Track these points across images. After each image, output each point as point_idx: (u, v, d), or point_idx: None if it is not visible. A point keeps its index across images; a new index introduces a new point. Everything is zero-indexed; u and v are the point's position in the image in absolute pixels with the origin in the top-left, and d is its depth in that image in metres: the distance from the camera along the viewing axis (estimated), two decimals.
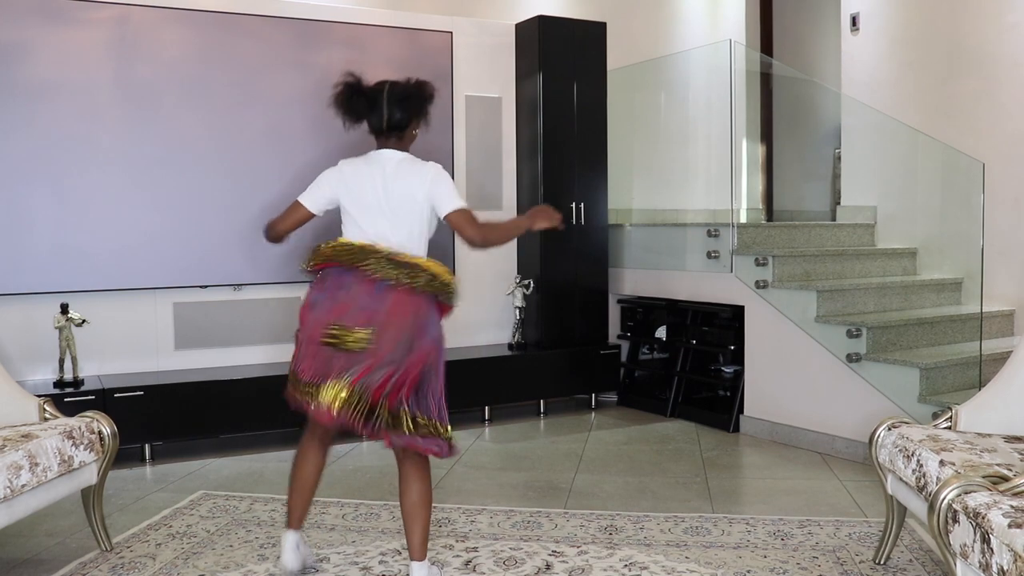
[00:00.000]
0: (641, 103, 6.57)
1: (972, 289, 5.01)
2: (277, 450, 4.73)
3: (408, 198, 2.75)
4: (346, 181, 2.83)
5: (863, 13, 5.82)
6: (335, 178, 2.89)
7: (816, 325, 4.66)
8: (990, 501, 2.20)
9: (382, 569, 3.05)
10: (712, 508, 3.71)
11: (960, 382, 4.31)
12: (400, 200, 2.75)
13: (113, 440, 3.26)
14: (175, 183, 4.83)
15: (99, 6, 4.63)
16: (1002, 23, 5.03)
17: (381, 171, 2.79)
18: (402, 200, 2.75)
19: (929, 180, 5.50)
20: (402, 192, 2.75)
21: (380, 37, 5.26)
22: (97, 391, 4.43)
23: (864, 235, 5.67)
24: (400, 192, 2.75)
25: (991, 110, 5.07)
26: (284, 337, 5.22)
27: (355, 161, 2.88)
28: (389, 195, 2.75)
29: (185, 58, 4.84)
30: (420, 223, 2.79)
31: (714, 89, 5.76)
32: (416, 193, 2.75)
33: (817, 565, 3.07)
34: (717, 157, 5.68)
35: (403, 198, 2.75)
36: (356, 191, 2.80)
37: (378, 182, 2.77)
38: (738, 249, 5.14)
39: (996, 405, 3.07)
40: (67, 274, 4.61)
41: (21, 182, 4.51)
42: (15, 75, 4.48)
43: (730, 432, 5.06)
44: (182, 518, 3.64)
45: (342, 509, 3.72)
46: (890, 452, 2.94)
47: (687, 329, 5.60)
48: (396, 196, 2.75)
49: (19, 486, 2.83)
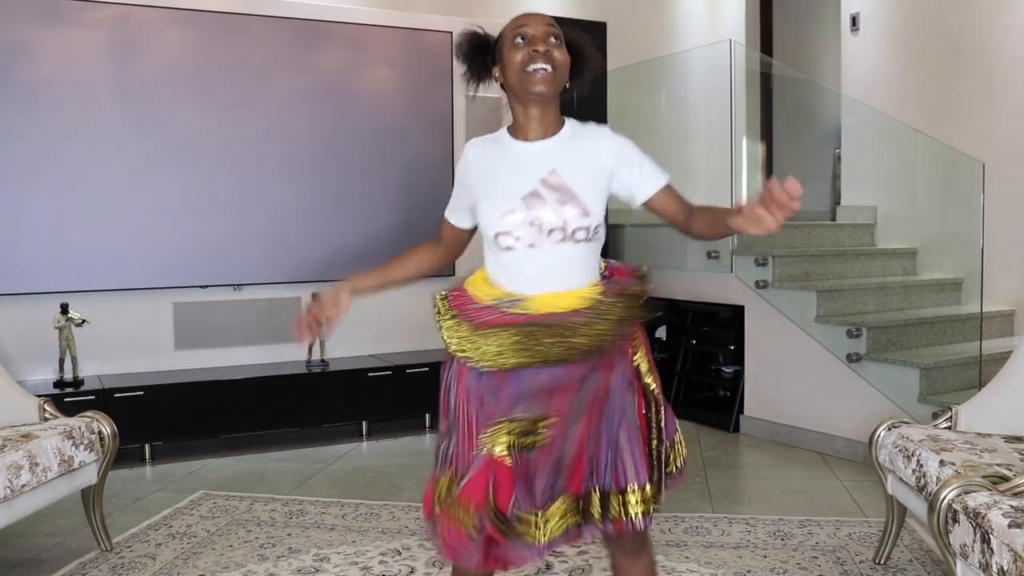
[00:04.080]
0: (641, 103, 6.56)
1: (972, 289, 5.01)
2: (277, 450, 4.73)
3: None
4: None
5: (863, 13, 5.81)
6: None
7: (816, 325, 4.65)
8: (990, 501, 2.20)
9: (382, 569, 3.05)
10: (712, 508, 3.71)
11: (960, 382, 4.31)
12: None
13: (113, 440, 3.26)
14: (175, 183, 4.83)
15: (99, 6, 4.63)
16: (1002, 23, 5.03)
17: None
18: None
19: (929, 180, 5.50)
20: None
21: (380, 37, 5.27)
22: (97, 391, 4.43)
23: (864, 235, 5.67)
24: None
25: (991, 110, 5.07)
26: (284, 337, 5.23)
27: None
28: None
29: (185, 58, 4.84)
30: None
31: (714, 89, 5.76)
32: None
33: (817, 565, 3.06)
34: (717, 157, 5.68)
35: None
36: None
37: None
38: (738, 249, 5.13)
39: (996, 405, 3.07)
40: (67, 274, 4.61)
41: (21, 182, 4.51)
42: (15, 75, 4.48)
43: (730, 432, 5.06)
44: (182, 518, 3.63)
45: (342, 509, 3.72)
46: (890, 452, 2.94)
47: (687, 329, 5.60)
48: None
49: (19, 486, 2.83)
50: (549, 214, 1.85)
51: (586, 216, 1.86)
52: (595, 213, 1.87)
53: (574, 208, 1.85)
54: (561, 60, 1.87)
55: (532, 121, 1.91)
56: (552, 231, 1.85)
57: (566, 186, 1.86)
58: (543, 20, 1.91)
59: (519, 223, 1.85)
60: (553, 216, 1.84)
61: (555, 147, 1.91)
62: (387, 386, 5.03)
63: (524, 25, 1.90)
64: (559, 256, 1.86)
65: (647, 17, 6.93)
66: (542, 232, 1.85)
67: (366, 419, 5.05)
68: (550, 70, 1.85)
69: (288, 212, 5.08)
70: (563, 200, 1.85)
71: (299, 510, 3.72)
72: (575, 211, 1.85)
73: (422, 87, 5.39)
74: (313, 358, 5.17)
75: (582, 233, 1.86)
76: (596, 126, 1.98)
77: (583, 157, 1.90)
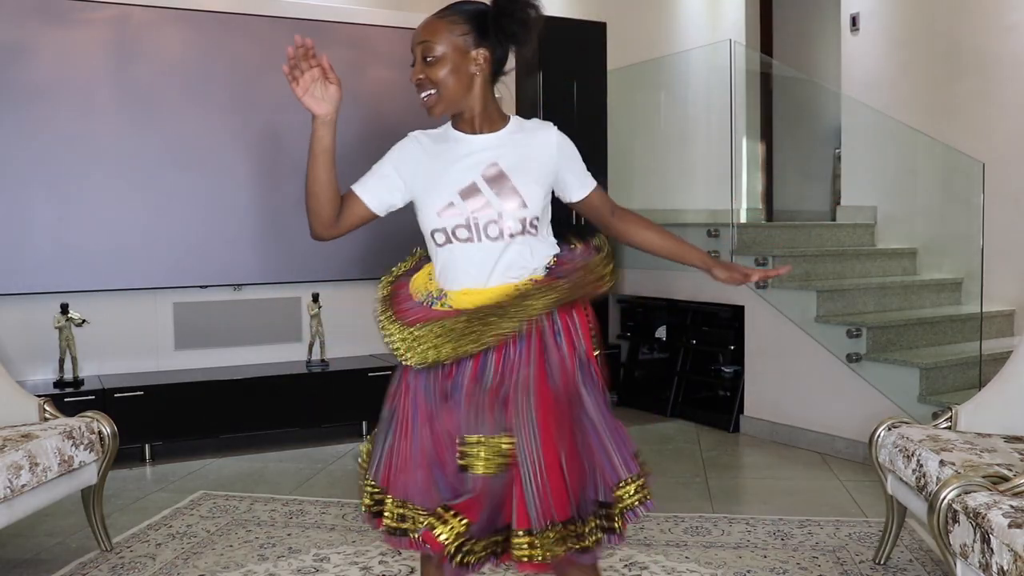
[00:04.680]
0: (641, 103, 6.56)
1: (972, 289, 5.01)
2: (277, 450, 4.73)
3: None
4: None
5: (863, 13, 5.81)
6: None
7: (816, 325, 4.65)
8: (990, 501, 2.20)
9: (382, 569, 3.05)
10: (712, 508, 3.71)
11: (960, 382, 4.31)
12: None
13: (113, 440, 3.26)
14: (175, 183, 4.83)
15: (99, 6, 4.63)
16: (1002, 23, 5.03)
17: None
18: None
19: (929, 180, 5.50)
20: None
21: (380, 37, 5.27)
22: (97, 391, 4.44)
23: (864, 235, 5.67)
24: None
25: (991, 110, 5.07)
26: (284, 337, 5.24)
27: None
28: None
29: (185, 58, 4.84)
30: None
31: (714, 89, 5.76)
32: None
33: (817, 565, 3.06)
34: (717, 157, 5.68)
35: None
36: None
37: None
38: (738, 249, 5.13)
39: (996, 405, 3.07)
40: (67, 274, 4.61)
41: (21, 182, 4.51)
42: (15, 75, 4.48)
43: (730, 432, 5.06)
44: (182, 518, 3.63)
45: (342, 509, 3.72)
46: (890, 452, 2.94)
47: (687, 329, 5.60)
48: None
49: (19, 486, 2.83)
50: (486, 208, 1.84)
51: (523, 208, 1.86)
52: (532, 206, 1.87)
53: (512, 201, 1.85)
54: (442, 76, 1.84)
55: (470, 118, 1.91)
56: (489, 224, 1.84)
57: (505, 179, 1.86)
58: (417, 39, 1.88)
59: (455, 216, 1.85)
60: (490, 210, 1.84)
61: (501, 140, 1.91)
62: (387, 386, 5.02)
63: (412, 43, 1.90)
64: (496, 251, 1.85)
65: (647, 17, 6.92)
66: (479, 227, 1.85)
67: (366, 419, 5.05)
68: (432, 93, 1.86)
69: (288, 212, 5.07)
70: (501, 193, 1.85)
71: (299, 510, 3.72)
72: (513, 204, 1.85)
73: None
74: (313, 358, 5.17)
75: (517, 226, 1.86)
76: (541, 122, 1.99)
77: (527, 151, 1.90)
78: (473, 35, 1.84)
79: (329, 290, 5.22)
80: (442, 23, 1.86)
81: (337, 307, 5.28)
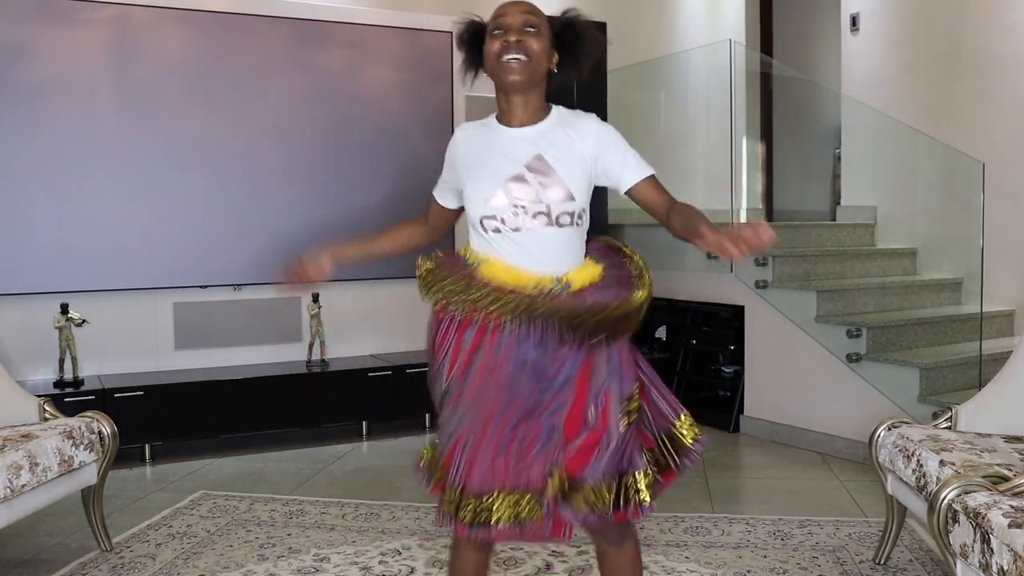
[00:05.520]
0: (641, 103, 6.56)
1: (972, 289, 5.01)
2: (277, 450, 4.73)
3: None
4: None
5: (863, 13, 5.81)
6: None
7: (816, 325, 4.65)
8: (990, 501, 2.20)
9: (382, 569, 3.05)
10: (712, 508, 3.71)
11: (960, 382, 4.31)
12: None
13: (113, 440, 3.26)
14: (175, 183, 4.83)
15: (99, 6, 4.63)
16: (1002, 23, 5.03)
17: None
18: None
19: (929, 180, 5.50)
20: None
21: (380, 37, 5.27)
22: (97, 391, 4.44)
23: (864, 235, 5.67)
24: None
25: (991, 110, 5.07)
26: (284, 337, 5.24)
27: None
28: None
29: (185, 58, 4.84)
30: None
31: (714, 89, 5.76)
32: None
33: (817, 565, 3.06)
34: (717, 157, 5.68)
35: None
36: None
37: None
38: None
39: (996, 405, 3.07)
40: (67, 274, 4.61)
41: (21, 182, 4.51)
42: (15, 75, 4.48)
43: (730, 432, 5.06)
44: (182, 518, 3.63)
45: (342, 509, 3.72)
46: (890, 452, 2.94)
47: (687, 329, 5.60)
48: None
49: (19, 486, 2.83)
50: (534, 197, 1.86)
51: (571, 201, 1.88)
52: (579, 199, 1.89)
53: (558, 192, 1.87)
54: (537, 48, 1.88)
55: (515, 108, 1.93)
56: (537, 214, 1.86)
57: (551, 170, 1.88)
58: (521, 8, 1.91)
59: (503, 206, 1.87)
60: (538, 200, 1.86)
61: (541, 133, 1.93)
62: (387, 386, 5.03)
63: (502, 15, 1.91)
64: (544, 239, 1.87)
65: (647, 17, 6.92)
66: (527, 215, 1.86)
67: (366, 419, 5.05)
68: (523, 59, 1.87)
69: (288, 212, 5.08)
70: (547, 184, 1.87)
71: (299, 510, 3.72)
72: (559, 195, 1.87)
73: (422, 87, 5.39)
74: (313, 358, 5.17)
75: (566, 218, 1.88)
76: (583, 113, 2.00)
77: (568, 143, 1.92)
78: (554, 40, 1.94)
79: (329, 290, 5.22)
80: (540, 11, 1.93)
81: (337, 307, 5.28)
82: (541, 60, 1.89)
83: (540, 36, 1.89)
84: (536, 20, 1.89)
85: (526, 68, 1.87)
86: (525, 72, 1.87)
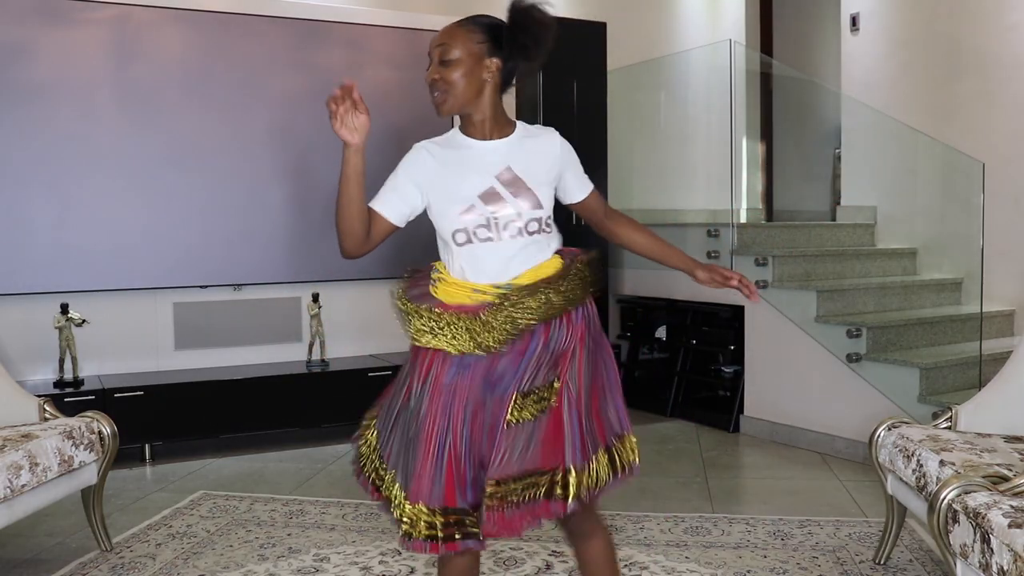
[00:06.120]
0: (641, 103, 6.56)
1: (972, 289, 5.01)
2: (277, 450, 4.73)
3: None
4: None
5: (863, 13, 5.81)
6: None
7: (816, 325, 4.65)
8: (990, 501, 2.20)
9: (382, 569, 3.05)
10: (712, 508, 3.71)
11: (960, 382, 4.31)
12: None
13: (113, 440, 3.26)
14: (175, 183, 4.83)
15: (99, 6, 4.63)
16: (1002, 23, 5.03)
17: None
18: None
19: (929, 180, 5.50)
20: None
21: (380, 37, 5.27)
22: (97, 391, 4.44)
23: (864, 235, 5.67)
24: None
25: (991, 110, 5.07)
26: (284, 337, 5.24)
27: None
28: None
29: (185, 58, 4.84)
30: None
31: (714, 89, 5.76)
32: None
33: (817, 565, 3.07)
34: (717, 157, 5.68)
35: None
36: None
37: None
38: (738, 249, 5.13)
39: (996, 405, 3.07)
40: (67, 274, 4.61)
41: (21, 182, 4.51)
42: (15, 75, 4.48)
43: (730, 432, 5.06)
44: (182, 518, 3.63)
45: (342, 509, 3.72)
46: (890, 452, 2.94)
47: (687, 329, 5.60)
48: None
49: (19, 486, 2.83)
50: (506, 208, 1.94)
51: (539, 209, 1.97)
52: (546, 206, 2.00)
53: (527, 201, 1.96)
54: (455, 78, 1.94)
55: (477, 123, 2.00)
56: (508, 224, 1.95)
57: (520, 181, 1.96)
58: (437, 41, 1.98)
59: (474, 219, 1.94)
60: (509, 209, 1.95)
61: (510, 144, 2.01)
62: (387, 386, 5.02)
63: (430, 47, 2.00)
64: (515, 248, 1.95)
65: (647, 17, 6.92)
66: (499, 226, 1.94)
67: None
68: (443, 93, 1.96)
69: (288, 212, 5.08)
70: (517, 194, 1.95)
71: (299, 510, 3.72)
72: (528, 204, 1.96)
73: (422, 87, 5.34)
74: (313, 358, 5.17)
75: (535, 224, 1.97)
76: (544, 128, 2.10)
77: (535, 155, 2.01)
78: (488, 44, 1.95)
79: (329, 290, 5.22)
80: (461, 30, 1.96)
81: (337, 307, 5.28)
82: (462, 86, 1.94)
83: (457, 63, 1.93)
84: (450, 48, 1.94)
85: (448, 99, 1.95)
86: (449, 102, 1.96)
